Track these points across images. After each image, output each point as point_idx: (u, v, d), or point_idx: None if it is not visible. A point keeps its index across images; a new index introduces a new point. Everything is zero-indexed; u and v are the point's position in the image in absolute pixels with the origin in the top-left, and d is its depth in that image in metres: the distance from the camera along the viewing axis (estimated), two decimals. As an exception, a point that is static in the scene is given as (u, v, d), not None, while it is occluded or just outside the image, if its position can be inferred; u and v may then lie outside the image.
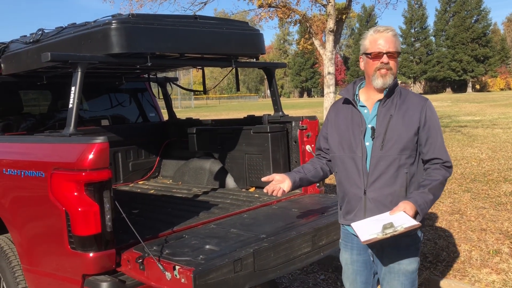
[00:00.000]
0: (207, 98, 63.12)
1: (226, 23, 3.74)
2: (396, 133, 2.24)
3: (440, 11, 65.93)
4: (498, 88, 65.24)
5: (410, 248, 2.32)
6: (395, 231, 2.01)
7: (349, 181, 2.35)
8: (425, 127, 2.27)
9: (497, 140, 11.77)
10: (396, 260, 2.32)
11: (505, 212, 5.60)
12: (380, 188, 2.26)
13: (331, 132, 2.45)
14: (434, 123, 2.29)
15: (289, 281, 4.23)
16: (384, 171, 2.25)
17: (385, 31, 2.28)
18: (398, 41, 2.32)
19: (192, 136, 4.59)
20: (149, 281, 2.39)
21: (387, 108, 2.29)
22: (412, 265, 2.33)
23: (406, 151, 2.24)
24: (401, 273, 2.32)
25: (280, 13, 12.14)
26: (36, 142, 2.97)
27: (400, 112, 2.27)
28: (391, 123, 2.25)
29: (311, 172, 2.59)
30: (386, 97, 2.30)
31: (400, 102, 2.30)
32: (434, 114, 2.31)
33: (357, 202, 2.32)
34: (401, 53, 2.36)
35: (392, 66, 2.27)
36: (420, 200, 2.17)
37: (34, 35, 3.49)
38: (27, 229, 2.85)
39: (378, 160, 2.26)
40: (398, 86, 2.35)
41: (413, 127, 2.25)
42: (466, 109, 25.56)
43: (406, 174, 2.24)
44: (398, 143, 2.23)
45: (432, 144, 2.27)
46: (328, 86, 11.29)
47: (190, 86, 43.31)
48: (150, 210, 3.61)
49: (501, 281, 3.83)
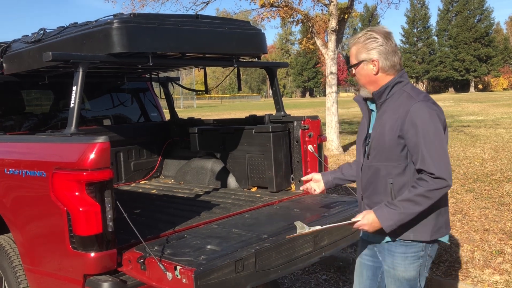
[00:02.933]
0: (209, 98, 63.16)
1: (228, 22, 3.74)
2: (380, 143, 2.19)
3: (443, 10, 65.81)
4: (501, 88, 65.06)
5: (406, 256, 2.25)
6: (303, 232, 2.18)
7: (357, 184, 2.45)
8: (408, 135, 2.10)
9: (500, 140, 11.74)
10: (392, 265, 2.30)
11: (508, 212, 5.58)
12: (369, 196, 2.29)
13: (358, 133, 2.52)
14: (419, 130, 2.07)
15: (291, 281, 4.23)
16: (370, 180, 2.26)
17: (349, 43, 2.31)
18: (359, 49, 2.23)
19: (194, 136, 4.59)
20: (150, 281, 2.38)
21: (381, 114, 2.23)
22: (408, 273, 2.26)
23: (390, 161, 2.17)
24: (396, 278, 2.29)
25: (282, 12, 12.12)
26: (38, 141, 2.97)
27: (388, 118, 2.17)
28: (378, 131, 2.21)
29: (348, 171, 2.60)
30: (379, 102, 2.24)
31: (394, 106, 2.18)
32: (419, 119, 2.08)
33: (360, 205, 2.41)
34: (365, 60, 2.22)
35: (357, 78, 2.30)
36: (385, 212, 2.12)
37: (36, 35, 3.49)
38: (28, 229, 2.84)
39: (366, 169, 2.28)
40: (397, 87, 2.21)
41: (393, 135, 2.13)
42: (469, 109, 25.51)
43: (391, 185, 2.18)
44: (380, 153, 2.19)
45: (418, 154, 2.08)
46: (330, 86, 11.26)
47: (192, 85, 43.34)
48: (152, 210, 3.61)
49: (504, 281, 3.81)
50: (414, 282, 2.29)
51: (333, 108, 11.30)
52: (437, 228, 2.22)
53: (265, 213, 3.35)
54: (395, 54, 2.22)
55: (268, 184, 4.00)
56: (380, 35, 2.21)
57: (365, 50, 2.22)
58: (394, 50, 2.22)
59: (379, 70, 2.22)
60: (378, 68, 2.22)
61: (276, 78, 4.28)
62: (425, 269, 2.31)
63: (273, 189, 3.96)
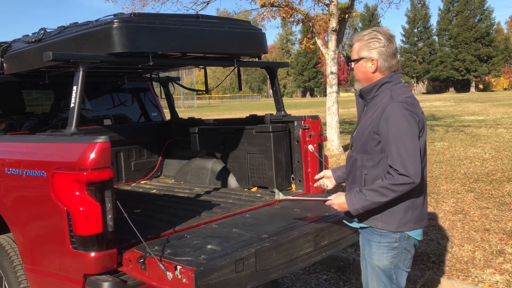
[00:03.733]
0: (210, 98, 63.17)
1: (228, 22, 3.73)
2: (360, 136, 2.40)
3: (443, 10, 65.79)
4: (501, 88, 65.03)
5: (380, 245, 2.41)
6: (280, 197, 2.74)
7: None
8: (381, 132, 2.28)
9: (500, 140, 11.73)
10: (368, 253, 2.47)
11: (508, 212, 5.57)
12: (349, 183, 2.51)
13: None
14: (390, 129, 2.23)
15: (291, 281, 4.22)
16: (350, 170, 2.48)
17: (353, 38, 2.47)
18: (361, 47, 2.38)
19: (194, 135, 4.59)
20: (151, 281, 2.38)
21: (366, 111, 2.43)
22: (382, 262, 2.41)
23: (365, 154, 2.37)
24: (371, 267, 2.46)
25: (282, 12, 12.11)
26: (38, 141, 2.97)
27: (368, 115, 2.38)
28: (360, 125, 2.43)
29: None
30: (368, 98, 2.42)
31: (373, 105, 2.37)
32: (393, 117, 2.23)
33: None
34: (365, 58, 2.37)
35: (354, 73, 2.47)
36: (353, 197, 2.34)
37: (36, 35, 3.49)
38: (29, 229, 2.84)
39: (348, 159, 2.51)
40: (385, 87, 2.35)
41: (370, 130, 2.33)
42: (469, 108, 25.49)
43: (366, 176, 2.37)
44: (360, 145, 2.40)
45: (387, 151, 2.27)
46: (331, 85, 11.25)
47: (193, 85, 43.36)
48: (152, 210, 3.61)
49: (505, 281, 3.81)
50: (389, 273, 2.42)
51: (334, 108, 11.30)
52: (405, 222, 2.36)
53: (265, 213, 3.35)
54: (394, 56, 2.38)
55: (268, 184, 4.00)
56: (384, 37, 2.35)
57: (367, 49, 2.36)
58: (394, 53, 2.37)
59: (376, 69, 2.37)
60: (376, 67, 2.37)
61: (277, 78, 4.28)
62: (401, 262, 2.41)
63: (274, 189, 3.95)
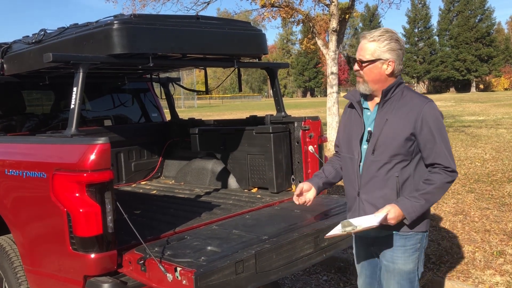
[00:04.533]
0: (210, 98, 63.18)
1: (228, 23, 3.73)
2: (388, 138, 2.24)
3: (444, 10, 65.75)
4: (502, 88, 65.00)
5: (405, 248, 2.32)
6: (353, 230, 2.18)
7: (348, 181, 2.44)
8: (422, 132, 2.21)
9: (501, 140, 11.72)
10: (391, 259, 2.35)
11: (509, 213, 5.57)
12: (371, 191, 2.31)
13: (341, 131, 2.51)
14: (433, 127, 2.22)
15: (291, 282, 4.22)
16: (374, 175, 2.29)
17: (364, 37, 2.28)
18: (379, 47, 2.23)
19: (194, 136, 4.59)
20: (151, 283, 2.38)
21: (385, 112, 2.29)
22: (408, 266, 2.33)
23: (398, 156, 2.24)
24: (396, 272, 2.34)
25: (283, 12, 12.11)
26: (38, 142, 2.97)
27: (396, 116, 2.25)
28: (385, 128, 2.26)
29: (332, 174, 2.60)
30: (382, 101, 2.30)
31: (399, 105, 2.27)
32: (433, 117, 2.23)
33: (353, 202, 2.40)
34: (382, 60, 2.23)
35: (364, 74, 2.29)
36: (408, 204, 2.20)
37: (36, 36, 3.49)
38: (29, 230, 2.84)
39: (370, 164, 2.30)
40: (401, 87, 2.31)
41: (405, 132, 2.22)
42: (470, 109, 25.48)
43: (397, 178, 2.26)
44: (389, 148, 2.24)
45: (431, 150, 2.22)
46: (331, 86, 11.25)
47: (193, 86, 43.38)
48: (152, 211, 3.61)
49: (505, 282, 3.81)
50: (413, 275, 2.36)
51: (334, 109, 11.29)
52: (428, 218, 2.37)
53: (265, 214, 3.35)
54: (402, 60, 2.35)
55: (268, 185, 4.00)
56: (401, 40, 2.30)
57: (386, 50, 2.24)
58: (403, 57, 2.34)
59: (392, 72, 2.27)
60: (392, 70, 2.27)
61: (277, 78, 4.28)
62: (421, 262, 2.39)
63: (274, 190, 3.96)
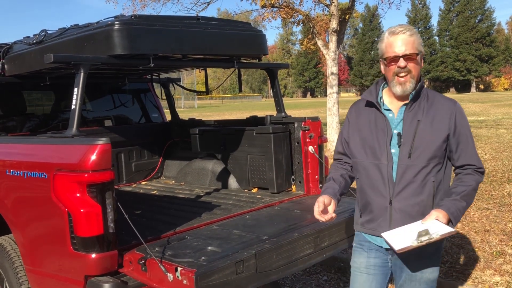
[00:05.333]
0: (210, 98, 63.19)
1: (228, 24, 3.74)
2: (425, 140, 2.12)
3: (444, 10, 65.77)
4: (502, 88, 65.01)
5: (433, 257, 2.24)
6: (430, 239, 1.95)
7: (373, 190, 2.23)
8: (455, 134, 2.15)
9: (501, 141, 11.72)
10: (419, 268, 2.22)
11: (508, 213, 5.58)
12: (407, 198, 2.14)
13: (353, 135, 2.31)
14: (465, 129, 2.18)
15: (291, 282, 4.23)
16: (412, 180, 2.13)
17: (401, 32, 2.12)
18: (418, 40, 2.14)
19: (194, 136, 4.60)
20: (151, 283, 2.39)
21: (414, 113, 2.16)
22: (434, 274, 2.25)
23: (435, 159, 2.13)
24: (423, 281, 2.24)
25: (283, 13, 12.12)
26: (39, 143, 2.98)
27: (428, 117, 2.14)
28: (419, 130, 2.12)
29: (343, 184, 2.40)
30: (412, 101, 2.17)
31: (427, 106, 2.16)
32: (464, 118, 2.19)
33: (382, 211, 2.20)
34: (422, 52, 2.16)
35: (412, 69, 2.12)
36: (453, 207, 2.08)
37: (37, 36, 3.50)
38: (29, 230, 2.85)
39: (406, 168, 2.13)
40: (425, 88, 2.22)
41: (442, 133, 2.13)
42: (470, 109, 25.47)
43: (433, 183, 2.14)
44: (427, 151, 2.12)
45: (463, 150, 2.18)
46: (331, 86, 11.25)
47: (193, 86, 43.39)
48: (153, 211, 3.62)
49: (505, 282, 3.82)
50: (435, 282, 2.28)
51: (334, 109, 11.30)
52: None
53: (265, 214, 3.35)
54: None
55: (269, 185, 4.00)
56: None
57: (421, 43, 2.16)
58: None
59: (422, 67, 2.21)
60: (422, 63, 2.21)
61: (277, 79, 4.29)
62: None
63: (274, 190, 3.96)
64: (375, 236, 2.27)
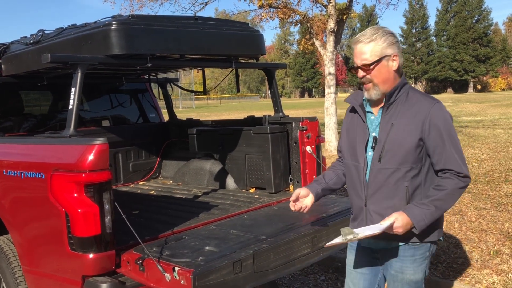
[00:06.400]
0: (208, 98, 63.19)
1: (226, 24, 3.75)
2: (395, 145, 2.10)
3: (441, 11, 65.92)
4: (499, 88, 65.15)
5: (415, 258, 2.22)
6: (354, 237, 2.03)
7: (353, 190, 2.29)
8: (430, 136, 2.07)
9: (498, 141, 11.75)
10: (400, 269, 2.24)
11: (505, 213, 5.59)
12: (379, 200, 2.17)
13: (343, 137, 2.37)
14: (441, 131, 2.07)
15: (289, 282, 4.23)
16: (383, 184, 2.14)
17: (359, 42, 2.13)
18: (379, 45, 2.09)
19: (192, 136, 4.60)
20: (149, 282, 2.39)
21: (390, 116, 2.14)
22: (417, 275, 2.24)
23: (406, 164, 2.09)
24: (405, 282, 2.25)
25: (280, 13, 12.13)
26: (36, 143, 2.98)
27: (402, 120, 2.11)
28: (391, 133, 2.11)
29: (333, 180, 2.46)
30: (388, 104, 2.15)
31: (404, 109, 2.12)
32: (441, 120, 2.08)
33: (360, 212, 2.27)
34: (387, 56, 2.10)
35: (373, 77, 2.12)
36: (417, 212, 2.05)
37: (35, 36, 3.49)
38: (27, 230, 2.85)
39: (377, 172, 2.15)
40: (406, 88, 2.17)
41: (414, 138, 2.08)
42: (467, 109, 25.54)
43: (407, 188, 2.11)
44: (397, 155, 2.10)
45: (440, 154, 2.08)
46: (329, 86, 11.27)
47: (191, 86, 43.37)
48: (150, 211, 3.62)
49: (502, 282, 3.83)
50: (421, 284, 2.28)
51: (332, 109, 11.32)
52: (441, 227, 2.24)
53: (263, 214, 3.36)
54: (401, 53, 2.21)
55: (266, 185, 4.01)
56: (394, 33, 2.17)
57: (387, 45, 2.11)
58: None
59: (398, 67, 2.15)
60: (398, 65, 2.14)
61: (275, 79, 4.30)
62: (428, 270, 2.31)
63: (272, 190, 3.97)
64: None
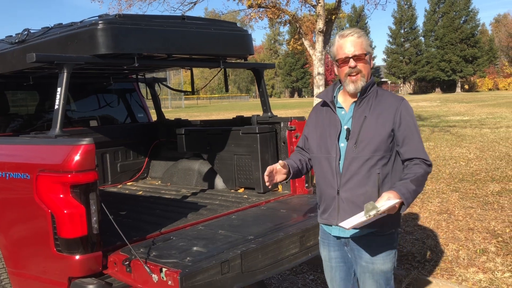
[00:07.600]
0: (198, 98, 62.99)
1: (214, 23, 3.74)
2: (370, 134, 2.27)
3: (429, 11, 66.42)
4: (486, 88, 65.88)
5: (384, 248, 2.33)
6: (378, 212, 2.04)
7: (324, 181, 2.39)
8: (400, 128, 2.28)
9: (485, 140, 11.88)
10: (370, 260, 2.34)
11: (492, 211, 5.66)
12: (352, 188, 2.29)
13: (311, 133, 2.48)
14: (410, 123, 2.29)
15: (278, 282, 4.23)
16: (356, 172, 2.28)
17: (349, 35, 2.30)
18: (366, 42, 2.32)
19: (181, 137, 4.58)
20: (136, 284, 2.38)
21: (362, 109, 2.32)
22: (387, 265, 2.34)
23: (379, 152, 2.26)
24: (375, 272, 2.34)
25: (269, 13, 12.15)
26: (22, 143, 2.94)
27: (374, 113, 2.29)
28: (365, 124, 2.28)
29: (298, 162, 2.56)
30: (360, 99, 2.33)
31: (375, 103, 2.32)
32: (409, 115, 2.31)
33: (331, 201, 2.35)
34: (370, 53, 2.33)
35: (362, 68, 2.30)
36: (404, 189, 2.17)
37: (20, 35, 3.46)
38: (12, 232, 2.82)
39: (351, 161, 2.29)
40: (375, 86, 2.37)
41: (387, 128, 2.26)
42: (455, 109, 25.78)
43: (378, 175, 2.26)
44: (371, 144, 2.26)
45: (409, 144, 2.28)
46: (318, 86, 11.31)
47: (181, 86, 43.20)
48: (138, 212, 3.60)
49: (488, 280, 3.87)
50: (390, 274, 2.38)
51: (321, 109, 11.35)
52: (400, 217, 2.36)
53: (252, 214, 3.36)
54: None
55: (255, 185, 4.01)
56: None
57: (369, 44, 2.33)
58: None
59: (372, 65, 2.38)
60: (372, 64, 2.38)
61: (263, 79, 4.30)
62: (396, 260, 2.41)
63: (260, 190, 3.97)
64: (329, 226, 2.42)
